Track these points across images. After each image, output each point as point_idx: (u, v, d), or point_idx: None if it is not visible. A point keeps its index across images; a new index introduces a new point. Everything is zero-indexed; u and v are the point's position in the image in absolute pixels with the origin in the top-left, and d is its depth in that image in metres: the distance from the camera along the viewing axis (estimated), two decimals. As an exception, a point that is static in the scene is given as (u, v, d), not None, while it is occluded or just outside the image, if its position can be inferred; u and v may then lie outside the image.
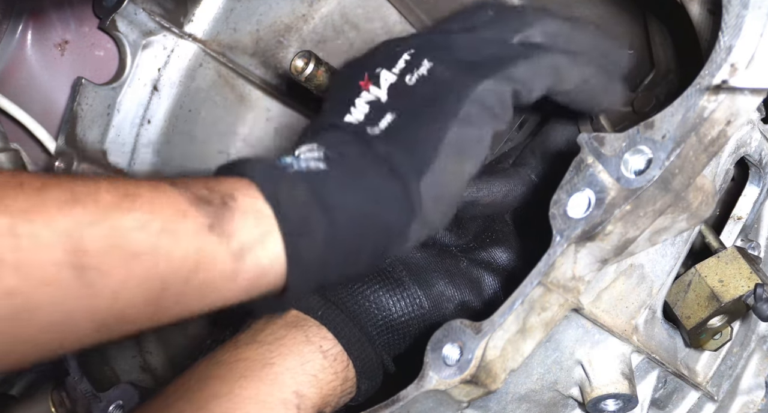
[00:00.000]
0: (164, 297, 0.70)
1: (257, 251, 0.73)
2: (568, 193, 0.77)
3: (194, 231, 0.70)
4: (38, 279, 0.62)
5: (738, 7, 0.75)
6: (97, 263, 0.65)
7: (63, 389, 1.38)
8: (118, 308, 0.67)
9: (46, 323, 0.64)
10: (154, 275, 0.68)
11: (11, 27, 1.33)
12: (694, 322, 0.91)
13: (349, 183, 0.78)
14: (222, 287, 0.73)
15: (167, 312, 0.72)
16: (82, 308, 0.65)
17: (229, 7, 1.30)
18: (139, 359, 1.41)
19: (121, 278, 0.66)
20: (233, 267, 0.72)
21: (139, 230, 0.67)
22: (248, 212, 0.73)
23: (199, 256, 0.70)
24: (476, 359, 0.76)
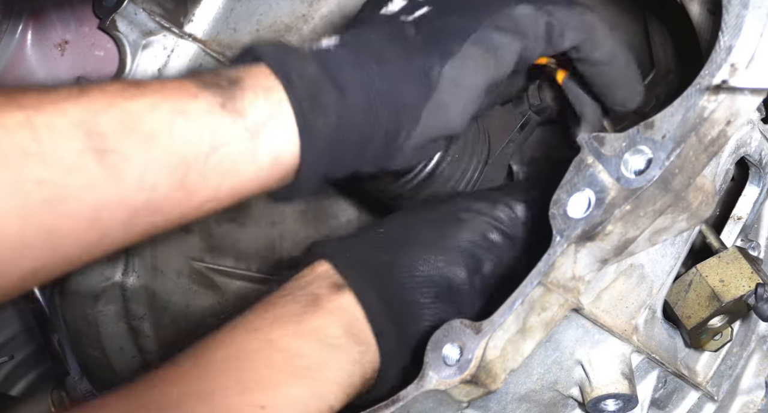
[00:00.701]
0: (188, 180, 0.71)
1: (271, 127, 0.74)
2: (568, 193, 0.77)
3: (206, 110, 0.71)
4: (63, 167, 0.64)
5: (738, 7, 0.75)
6: (116, 146, 0.66)
7: (63, 389, 1.38)
8: (146, 193, 0.69)
9: (79, 212, 0.65)
10: (173, 156, 0.69)
11: (11, 27, 1.33)
12: (695, 322, 0.91)
13: (364, 60, 0.80)
14: (243, 167, 0.74)
15: (194, 197, 0.73)
16: (110, 195, 0.67)
17: (229, 7, 1.30)
18: (139, 359, 1.41)
19: (142, 161, 0.68)
20: (250, 145, 0.73)
21: (150, 112, 0.69)
22: (258, 89, 0.74)
23: (215, 135, 0.71)
24: (476, 359, 0.76)
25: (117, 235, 0.70)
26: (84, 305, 1.38)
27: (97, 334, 1.39)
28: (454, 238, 0.90)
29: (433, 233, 0.90)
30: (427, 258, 0.88)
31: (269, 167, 0.76)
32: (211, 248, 1.48)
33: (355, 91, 0.78)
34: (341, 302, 0.85)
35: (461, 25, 0.84)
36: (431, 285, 0.88)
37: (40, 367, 1.93)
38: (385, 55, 0.81)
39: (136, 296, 1.41)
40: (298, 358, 0.79)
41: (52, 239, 0.66)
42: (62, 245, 0.67)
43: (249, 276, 1.52)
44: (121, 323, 1.41)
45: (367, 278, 0.87)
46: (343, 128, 0.78)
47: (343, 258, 0.89)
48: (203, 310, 1.47)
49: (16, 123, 0.63)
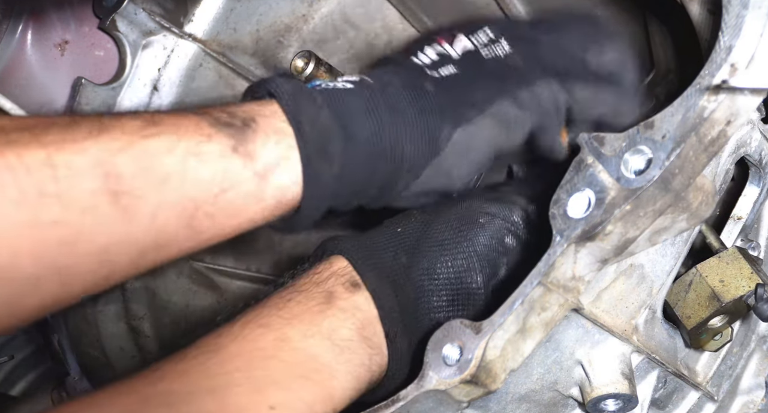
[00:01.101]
0: (196, 218, 0.73)
1: (279, 171, 0.77)
2: (568, 193, 0.77)
3: (219, 153, 0.73)
4: (79, 208, 0.66)
5: (738, 7, 0.75)
6: (131, 188, 0.69)
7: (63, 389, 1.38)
8: (155, 232, 0.71)
9: (90, 251, 0.68)
10: (184, 196, 0.72)
11: (11, 27, 1.33)
12: (695, 322, 0.91)
13: (377, 108, 0.81)
14: (249, 208, 0.77)
15: (201, 234, 0.75)
16: (121, 234, 0.69)
17: (229, 7, 1.30)
18: (139, 359, 1.41)
19: (154, 202, 0.70)
20: (258, 188, 0.76)
21: (166, 153, 0.71)
22: (270, 133, 0.77)
23: (226, 177, 0.74)
24: (476, 359, 0.76)
25: (125, 271, 0.73)
26: (84, 306, 1.38)
27: (97, 334, 1.39)
28: (472, 242, 0.89)
29: (452, 236, 0.90)
30: (445, 261, 0.88)
31: (273, 207, 0.79)
32: (211, 248, 1.48)
33: (362, 141, 0.81)
34: (356, 302, 0.84)
35: (482, 95, 0.85)
36: (448, 290, 0.88)
37: (40, 367, 1.93)
38: (399, 107, 0.82)
39: (136, 296, 1.41)
40: (310, 360, 0.79)
41: (64, 276, 0.67)
42: (73, 282, 0.69)
43: (249, 276, 1.52)
44: (121, 323, 1.41)
45: (384, 279, 0.86)
46: (345, 177, 0.81)
47: (361, 256, 0.88)
48: (203, 310, 1.47)
49: (37, 162, 0.64)
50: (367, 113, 0.81)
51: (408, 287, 0.87)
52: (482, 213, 0.91)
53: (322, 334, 0.81)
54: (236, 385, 0.74)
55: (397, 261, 0.88)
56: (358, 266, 0.86)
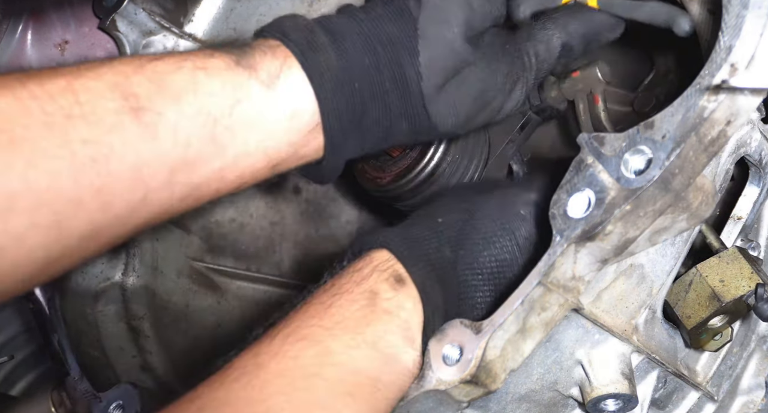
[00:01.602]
0: (217, 133, 0.77)
1: (283, 79, 0.81)
2: (568, 193, 0.77)
3: (224, 66, 0.79)
4: (105, 126, 0.70)
5: (738, 7, 0.75)
6: (150, 105, 0.73)
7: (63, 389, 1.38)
8: (181, 147, 0.75)
9: (122, 169, 0.72)
10: (200, 110, 0.76)
11: (11, 27, 1.33)
12: (695, 322, 0.91)
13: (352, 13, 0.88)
14: (266, 119, 0.80)
15: (226, 151, 0.79)
16: (149, 152, 0.73)
17: (229, 7, 1.30)
18: (139, 359, 1.41)
19: (173, 117, 0.74)
20: (268, 96, 0.80)
21: (175, 70, 0.77)
22: (265, 48, 0.83)
23: (235, 89, 0.79)
24: (476, 359, 0.76)
25: (161, 195, 0.76)
26: (84, 305, 1.38)
27: (97, 334, 1.39)
28: (514, 235, 0.88)
29: (495, 229, 0.88)
30: (489, 256, 0.87)
31: (291, 118, 0.82)
32: (211, 248, 1.48)
33: (345, 34, 0.86)
34: (401, 301, 0.82)
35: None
36: (490, 284, 0.87)
37: (40, 367, 1.93)
38: (370, 5, 0.89)
39: (136, 296, 1.41)
40: (353, 375, 0.77)
41: (102, 197, 0.71)
42: (111, 204, 0.72)
43: (249, 276, 1.52)
44: (121, 323, 1.41)
45: (430, 273, 0.84)
46: (345, 66, 0.84)
47: (405, 247, 0.86)
48: (203, 310, 1.47)
49: (59, 88, 0.70)
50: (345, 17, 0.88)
51: (453, 282, 0.86)
52: (522, 203, 0.90)
53: (367, 343, 0.78)
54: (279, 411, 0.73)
55: (441, 254, 0.87)
56: (404, 259, 0.84)
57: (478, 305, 0.86)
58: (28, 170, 0.66)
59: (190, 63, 0.78)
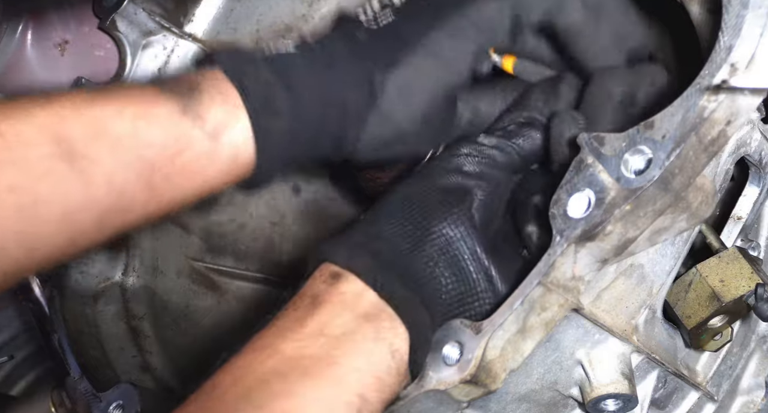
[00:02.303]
0: (154, 181, 0.75)
1: (230, 130, 0.79)
2: (568, 193, 0.77)
3: (167, 116, 0.76)
4: (35, 173, 0.67)
5: (738, 7, 0.75)
6: (85, 151, 0.70)
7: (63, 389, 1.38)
8: (115, 195, 0.73)
9: (50, 216, 0.69)
10: (139, 159, 0.74)
11: (11, 27, 1.33)
12: (695, 322, 0.91)
13: (315, 64, 0.85)
14: (205, 169, 0.79)
15: (161, 198, 0.77)
16: (80, 199, 0.70)
17: (229, 7, 1.30)
18: (139, 359, 1.41)
19: (110, 164, 0.72)
20: (211, 147, 0.78)
21: (115, 117, 0.73)
22: (215, 94, 0.79)
23: (178, 139, 0.76)
24: (476, 359, 0.76)
25: (89, 235, 0.74)
26: (84, 305, 1.38)
27: (97, 334, 1.39)
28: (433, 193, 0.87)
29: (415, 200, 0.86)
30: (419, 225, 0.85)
31: (229, 167, 0.81)
32: (211, 248, 1.48)
33: (305, 95, 0.83)
34: (341, 288, 0.80)
35: (411, 34, 0.86)
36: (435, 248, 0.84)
37: (40, 367, 1.93)
38: (335, 60, 0.86)
39: (136, 296, 1.41)
40: (303, 360, 0.76)
41: (26, 242, 0.68)
42: (36, 248, 0.70)
43: (249, 276, 1.52)
44: (121, 323, 1.41)
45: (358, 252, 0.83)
46: (294, 131, 0.83)
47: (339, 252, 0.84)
48: (203, 310, 1.47)
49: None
50: (305, 66, 0.84)
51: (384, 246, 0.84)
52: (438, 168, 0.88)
53: (314, 334, 0.78)
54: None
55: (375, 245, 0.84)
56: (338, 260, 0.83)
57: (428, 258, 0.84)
58: None
59: (131, 111, 0.75)
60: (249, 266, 1.51)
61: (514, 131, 0.90)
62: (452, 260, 0.84)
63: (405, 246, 0.83)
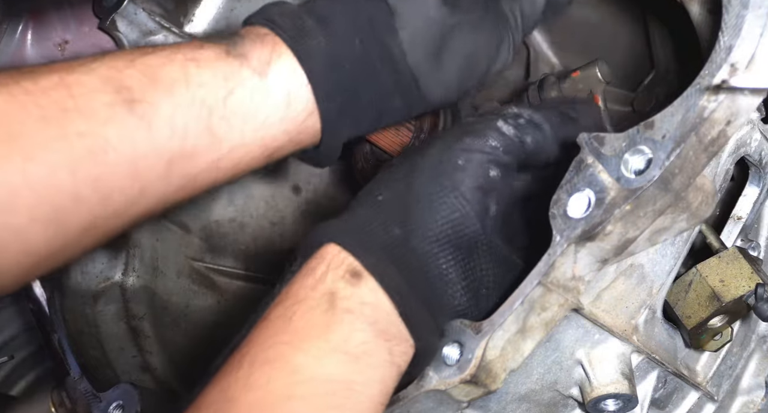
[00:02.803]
0: (213, 124, 0.78)
1: (275, 66, 0.82)
2: (568, 193, 0.77)
3: (214, 57, 0.80)
4: (100, 119, 0.71)
5: (738, 7, 0.75)
6: (143, 96, 0.74)
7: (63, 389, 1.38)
8: (177, 139, 0.76)
9: (119, 161, 0.72)
10: (194, 101, 0.77)
11: (11, 27, 1.33)
12: (695, 322, 0.91)
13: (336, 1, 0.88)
14: (259, 107, 0.81)
15: (222, 142, 0.79)
16: (145, 143, 0.74)
17: (229, 7, 1.30)
18: (139, 359, 1.41)
19: (168, 108, 0.75)
20: (260, 84, 0.81)
21: (167, 63, 0.77)
22: (254, 38, 0.83)
23: (227, 78, 0.79)
24: (476, 359, 0.76)
25: (158, 186, 0.76)
26: (84, 305, 1.38)
27: (97, 334, 1.39)
28: (459, 190, 0.82)
29: (437, 189, 0.83)
30: (439, 220, 0.82)
31: (286, 105, 0.82)
32: (211, 248, 1.48)
33: (331, 17, 0.86)
34: (361, 296, 0.77)
35: None
36: (450, 247, 0.82)
37: (40, 367, 1.93)
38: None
39: (136, 296, 1.41)
40: (327, 384, 0.73)
41: (100, 190, 0.71)
42: (109, 197, 0.72)
43: (249, 276, 1.52)
44: (121, 323, 1.41)
45: (384, 257, 0.80)
46: (334, 48, 0.84)
47: (352, 238, 0.81)
48: (203, 310, 1.47)
49: (52, 84, 0.70)
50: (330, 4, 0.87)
51: (411, 258, 0.81)
52: (459, 151, 0.84)
53: (335, 350, 0.75)
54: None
55: (390, 234, 0.81)
56: (354, 249, 0.79)
57: (446, 272, 0.81)
58: (26, 163, 0.67)
59: (180, 55, 0.78)
60: (249, 266, 1.51)
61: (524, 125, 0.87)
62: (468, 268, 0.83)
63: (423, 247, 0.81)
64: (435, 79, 0.89)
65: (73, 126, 0.69)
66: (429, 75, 0.88)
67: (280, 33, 0.83)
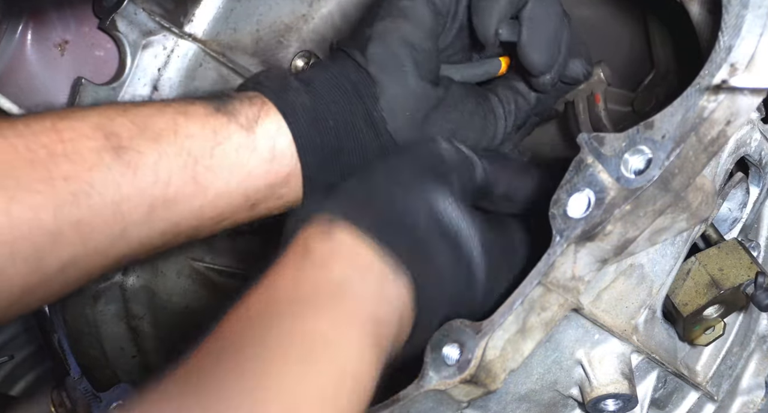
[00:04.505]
0: (198, 173, 0.81)
1: (261, 121, 0.85)
2: (568, 193, 0.77)
3: (204, 112, 0.83)
4: (86, 164, 0.74)
5: (738, 7, 0.75)
6: (131, 144, 0.77)
7: (63, 389, 1.39)
8: (161, 185, 0.78)
9: (103, 204, 0.75)
10: (181, 150, 0.80)
11: (11, 27, 1.33)
12: (691, 309, 0.91)
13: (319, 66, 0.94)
14: (245, 160, 0.84)
15: (207, 191, 0.82)
16: (129, 188, 0.77)
17: (229, 7, 1.30)
18: (139, 359, 1.41)
19: (154, 155, 0.78)
20: (247, 138, 0.84)
21: (157, 114, 0.81)
22: (243, 98, 0.87)
23: (215, 132, 0.82)
24: (476, 359, 0.76)
25: (140, 230, 0.78)
26: (84, 305, 1.38)
27: (97, 334, 1.39)
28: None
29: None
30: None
31: (270, 160, 0.85)
32: (211, 248, 1.48)
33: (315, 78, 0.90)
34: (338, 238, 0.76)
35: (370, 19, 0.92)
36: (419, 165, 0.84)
37: (40, 367, 1.93)
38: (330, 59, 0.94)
39: (136, 297, 1.41)
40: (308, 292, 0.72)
41: (82, 231, 0.74)
42: (90, 238, 0.75)
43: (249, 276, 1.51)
44: (121, 323, 1.41)
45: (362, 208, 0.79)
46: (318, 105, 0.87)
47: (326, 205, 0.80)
48: (203, 310, 1.47)
49: (43, 128, 0.74)
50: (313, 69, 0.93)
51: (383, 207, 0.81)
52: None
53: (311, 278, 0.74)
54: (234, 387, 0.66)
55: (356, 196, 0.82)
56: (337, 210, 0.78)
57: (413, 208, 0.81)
58: (11, 204, 0.70)
59: (171, 109, 0.82)
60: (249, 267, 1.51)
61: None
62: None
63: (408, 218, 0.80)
64: None
65: (58, 170, 0.72)
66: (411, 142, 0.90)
67: (266, 92, 0.87)
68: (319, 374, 0.67)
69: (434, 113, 0.92)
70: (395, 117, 0.89)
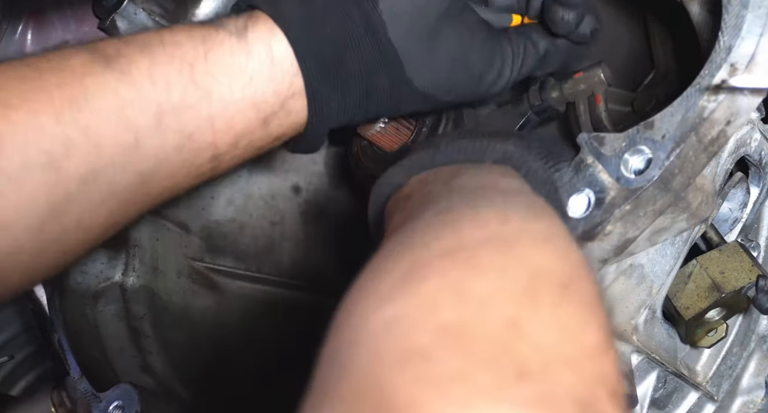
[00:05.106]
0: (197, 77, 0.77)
1: (252, 27, 0.81)
2: (568, 193, 0.77)
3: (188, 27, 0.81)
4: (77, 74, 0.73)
5: (738, 7, 0.75)
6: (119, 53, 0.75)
7: (63, 389, 1.38)
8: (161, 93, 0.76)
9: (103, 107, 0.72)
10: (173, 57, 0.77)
11: (11, 27, 1.33)
12: (693, 312, 0.91)
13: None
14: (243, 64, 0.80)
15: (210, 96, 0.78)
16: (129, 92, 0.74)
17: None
18: (139, 359, 1.41)
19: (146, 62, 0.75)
20: (239, 43, 0.80)
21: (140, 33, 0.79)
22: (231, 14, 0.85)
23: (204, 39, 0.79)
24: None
25: (153, 141, 0.75)
26: (84, 305, 1.38)
27: (97, 334, 1.39)
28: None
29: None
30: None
31: (269, 63, 0.81)
32: (211, 248, 1.48)
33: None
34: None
35: None
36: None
37: (40, 367, 1.93)
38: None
39: (136, 297, 1.41)
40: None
41: (91, 137, 0.71)
42: (103, 146, 0.72)
43: (249, 276, 1.52)
44: (121, 323, 1.41)
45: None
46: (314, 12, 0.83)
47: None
48: (203, 310, 1.47)
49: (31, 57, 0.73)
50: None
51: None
52: None
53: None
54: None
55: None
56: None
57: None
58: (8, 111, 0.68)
59: (152, 30, 0.81)
60: (249, 266, 1.51)
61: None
62: None
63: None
64: (421, 61, 0.86)
65: (50, 80, 0.71)
66: (415, 56, 0.85)
67: (255, 2, 0.83)
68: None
69: (443, 28, 0.86)
70: (396, 23, 0.83)
